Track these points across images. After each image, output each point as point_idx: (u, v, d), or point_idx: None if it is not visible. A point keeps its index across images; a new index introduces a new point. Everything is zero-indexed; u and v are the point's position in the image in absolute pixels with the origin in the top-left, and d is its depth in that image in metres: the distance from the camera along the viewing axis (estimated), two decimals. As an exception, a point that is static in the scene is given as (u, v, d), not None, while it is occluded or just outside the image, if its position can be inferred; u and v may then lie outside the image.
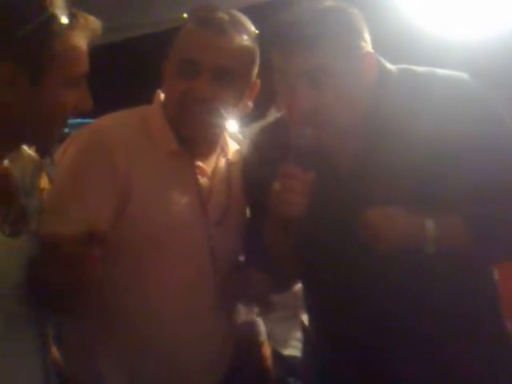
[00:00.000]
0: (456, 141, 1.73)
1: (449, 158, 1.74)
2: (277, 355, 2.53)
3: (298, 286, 2.13)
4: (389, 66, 1.87)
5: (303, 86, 1.74)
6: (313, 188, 1.75)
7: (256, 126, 2.21)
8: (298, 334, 2.53)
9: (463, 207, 1.75)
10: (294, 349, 2.60)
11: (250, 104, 1.99)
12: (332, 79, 1.74)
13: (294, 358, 2.54)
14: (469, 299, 1.84)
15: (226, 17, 1.90)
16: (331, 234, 1.82)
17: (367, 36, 1.80)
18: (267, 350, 2.44)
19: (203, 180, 1.94)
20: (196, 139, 1.93)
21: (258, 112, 2.27)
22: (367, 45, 1.80)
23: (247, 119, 2.31)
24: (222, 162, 2.02)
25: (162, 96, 1.96)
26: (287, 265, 1.91)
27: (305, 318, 2.21)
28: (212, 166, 1.99)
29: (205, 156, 1.97)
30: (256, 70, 1.97)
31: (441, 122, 1.74)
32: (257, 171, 1.92)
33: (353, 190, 1.81)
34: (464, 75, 1.85)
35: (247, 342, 2.34)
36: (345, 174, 1.85)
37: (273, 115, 2.07)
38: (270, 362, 2.43)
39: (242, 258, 2.06)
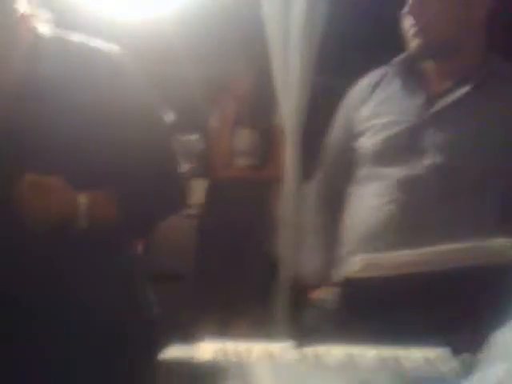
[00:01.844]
0: (105, 110, 1.77)
1: (99, 126, 1.76)
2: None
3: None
4: (41, 29, 1.85)
5: None
6: None
7: None
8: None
9: (115, 180, 1.78)
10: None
11: None
12: None
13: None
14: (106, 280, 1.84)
15: None
16: None
17: None
18: None
19: None
20: None
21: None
22: (25, 7, 1.78)
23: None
24: None
25: None
26: None
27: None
28: None
29: None
30: None
31: (90, 90, 1.77)
32: None
33: (2, 157, 1.76)
34: (116, 48, 1.88)
35: None
36: None
37: None
38: None
39: None
